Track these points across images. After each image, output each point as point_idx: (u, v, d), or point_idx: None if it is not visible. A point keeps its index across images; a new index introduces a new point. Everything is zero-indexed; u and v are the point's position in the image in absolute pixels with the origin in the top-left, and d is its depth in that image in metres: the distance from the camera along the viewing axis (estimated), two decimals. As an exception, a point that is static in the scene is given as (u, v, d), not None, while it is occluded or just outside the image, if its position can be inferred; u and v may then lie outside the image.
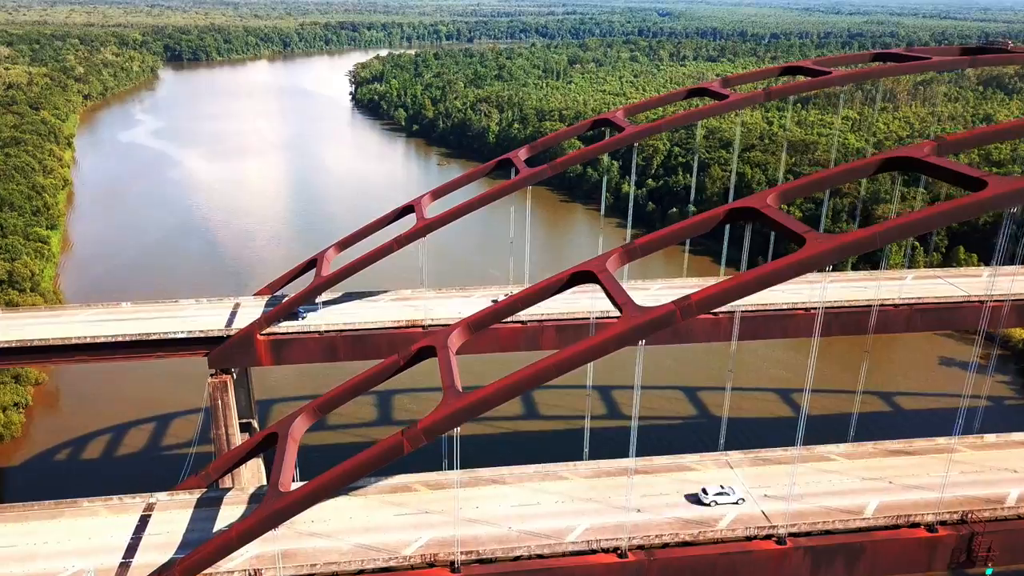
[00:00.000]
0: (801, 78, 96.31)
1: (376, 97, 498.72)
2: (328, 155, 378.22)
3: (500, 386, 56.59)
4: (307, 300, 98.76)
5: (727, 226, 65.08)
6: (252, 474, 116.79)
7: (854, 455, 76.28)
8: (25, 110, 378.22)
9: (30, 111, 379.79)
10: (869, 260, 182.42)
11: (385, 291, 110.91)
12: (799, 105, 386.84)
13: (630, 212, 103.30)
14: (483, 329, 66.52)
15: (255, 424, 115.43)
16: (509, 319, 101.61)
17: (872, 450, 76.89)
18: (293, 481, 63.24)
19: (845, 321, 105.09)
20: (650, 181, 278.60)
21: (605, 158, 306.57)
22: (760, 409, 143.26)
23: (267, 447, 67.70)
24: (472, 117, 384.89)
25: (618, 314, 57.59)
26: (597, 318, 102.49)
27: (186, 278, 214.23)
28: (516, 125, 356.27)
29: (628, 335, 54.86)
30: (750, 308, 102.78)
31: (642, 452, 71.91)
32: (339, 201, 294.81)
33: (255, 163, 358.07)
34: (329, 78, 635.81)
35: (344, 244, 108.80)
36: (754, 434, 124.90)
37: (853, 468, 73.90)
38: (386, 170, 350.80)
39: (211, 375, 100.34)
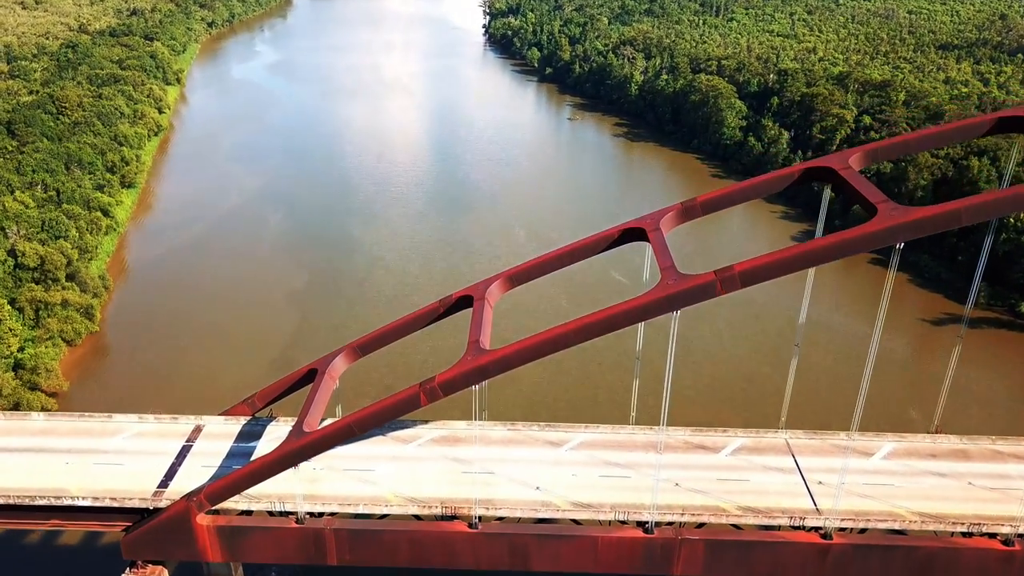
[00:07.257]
0: None
1: (509, 32, 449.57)
2: (448, 102, 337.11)
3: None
4: (279, 470, 58.30)
5: None
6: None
7: None
8: (137, 42, 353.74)
9: (142, 43, 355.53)
10: None
11: (424, 421, 69.07)
12: (1021, 56, 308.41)
13: (821, 219, 56.36)
14: None
15: (236, 585, 77.92)
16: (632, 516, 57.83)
17: None
18: None
19: None
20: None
21: (772, 125, 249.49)
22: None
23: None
24: (613, 62, 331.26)
25: None
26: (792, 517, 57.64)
27: (256, 267, 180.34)
28: (665, 76, 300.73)
29: None
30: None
31: None
32: (450, 167, 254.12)
33: (368, 107, 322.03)
34: (465, 6, 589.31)
35: (361, 348, 66.67)
36: None
37: None
38: (509, 120, 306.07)
39: (129, 567, 62.51)
